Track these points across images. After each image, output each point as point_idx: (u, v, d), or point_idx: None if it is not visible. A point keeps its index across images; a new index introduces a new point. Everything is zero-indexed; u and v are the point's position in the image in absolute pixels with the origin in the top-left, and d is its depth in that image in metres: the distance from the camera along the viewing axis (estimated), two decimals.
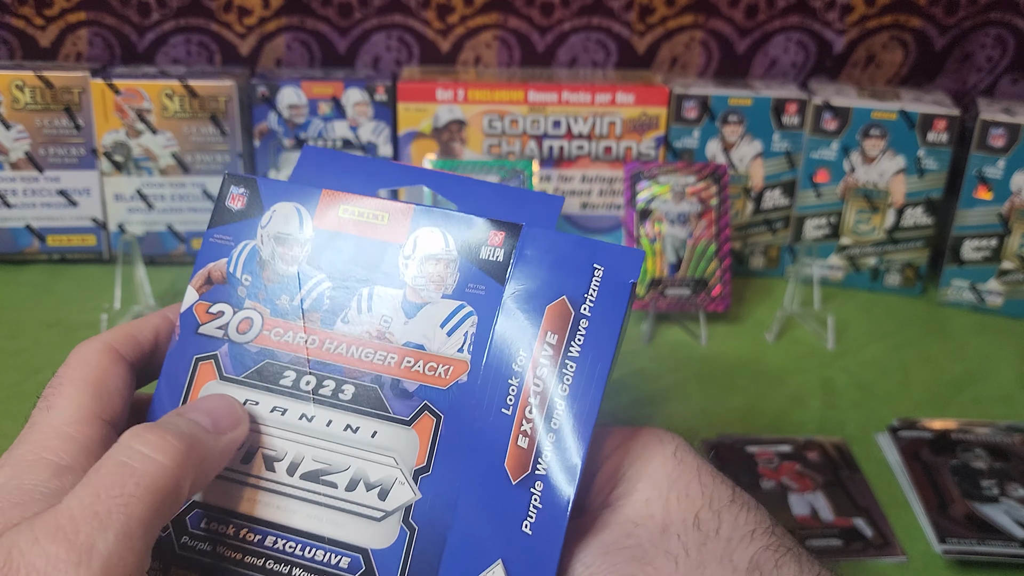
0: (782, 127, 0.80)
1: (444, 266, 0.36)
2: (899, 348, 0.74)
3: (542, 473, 0.33)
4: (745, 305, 0.80)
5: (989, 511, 0.54)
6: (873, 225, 0.81)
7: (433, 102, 0.79)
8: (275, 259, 0.37)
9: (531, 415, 0.34)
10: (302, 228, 0.38)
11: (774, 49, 0.88)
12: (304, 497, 0.35)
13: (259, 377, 0.36)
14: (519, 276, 0.35)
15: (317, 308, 0.37)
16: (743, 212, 0.83)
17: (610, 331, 0.34)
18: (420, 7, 0.85)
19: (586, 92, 0.79)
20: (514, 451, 0.33)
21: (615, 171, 0.82)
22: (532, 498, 0.33)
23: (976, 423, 0.62)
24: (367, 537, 0.34)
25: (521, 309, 0.35)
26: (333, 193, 0.38)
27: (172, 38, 0.85)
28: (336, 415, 0.35)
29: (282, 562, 0.34)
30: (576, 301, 0.34)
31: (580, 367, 0.34)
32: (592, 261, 0.35)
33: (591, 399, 0.34)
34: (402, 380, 0.35)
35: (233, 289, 0.38)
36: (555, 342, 0.34)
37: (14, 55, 0.84)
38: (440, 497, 0.34)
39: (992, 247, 0.78)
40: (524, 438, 0.33)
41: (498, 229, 0.36)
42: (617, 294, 0.34)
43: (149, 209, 0.80)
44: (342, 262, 0.37)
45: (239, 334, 0.37)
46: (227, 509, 0.35)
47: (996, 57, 0.87)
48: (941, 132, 0.77)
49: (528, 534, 0.33)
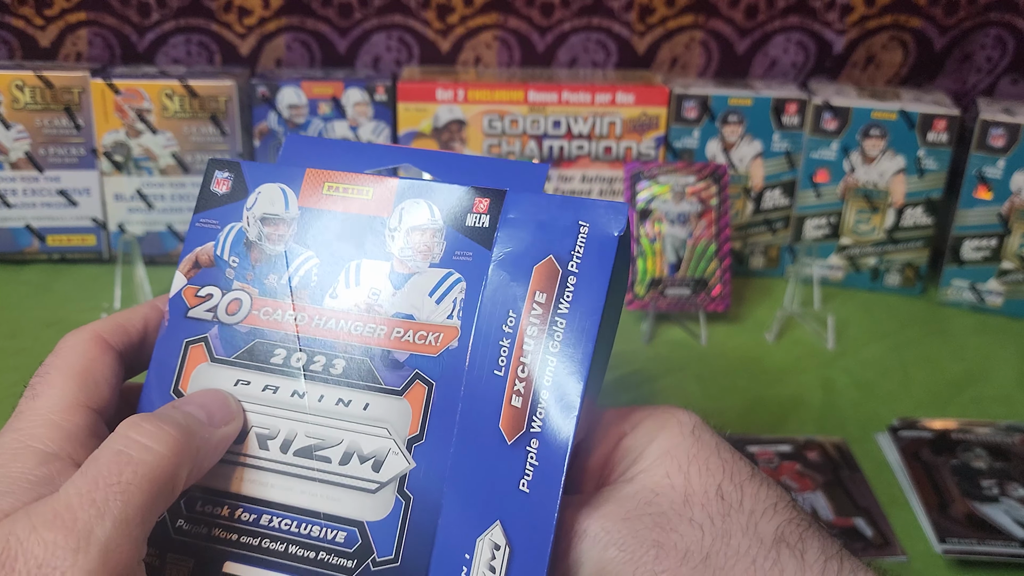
0: (782, 127, 0.80)
1: (430, 236, 0.37)
2: (899, 348, 0.74)
3: (537, 431, 0.33)
4: (745, 305, 0.80)
5: (989, 511, 0.54)
6: (873, 225, 0.81)
7: (433, 102, 0.79)
8: (262, 240, 0.38)
9: (523, 374, 0.34)
10: (287, 207, 0.38)
11: (774, 49, 0.88)
12: (298, 474, 0.35)
13: (250, 357, 0.36)
14: (505, 240, 0.36)
15: (305, 285, 0.37)
16: (743, 212, 0.83)
17: (598, 286, 0.34)
18: (420, 7, 0.85)
19: (586, 92, 0.79)
20: (508, 411, 0.34)
21: (615, 171, 0.82)
22: (528, 456, 0.33)
23: (976, 423, 0.62)
24: (362, 510, 0.34)
25: (509, 272, 0.35)
26: (317, 171, 0.38)
27: (172, 38, 0.85)
28: (327, 390, 0.36)
29: (278, 540, 0.34)
30: (563, 259, 0.35)
31: (570, 323, 0.34)
32: (576, 219, 0.35)
33: (582, 354, 0.34)
34: (392, 351, 0.36)
35: (221, 272, 0.38)
36: (544, 301, 0.34)
37: (14, 55, 0.84)
38: (435, 464, 0.34)
39: (992, 247, 0.78)
40: (518, 397, 0.34)
41: (482, 196, 0.37)
42: (604, 248, 0.35)
43: (149, 209, 0.80)
44: (329, 239, 0.37)
45: (228, 315, 0.37)
46: (221, 490, 0.35)
47: (996, 57, 0.87)
48: (941, 132, 0.77)
49: (525, 492, 0.33)
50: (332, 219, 0.38)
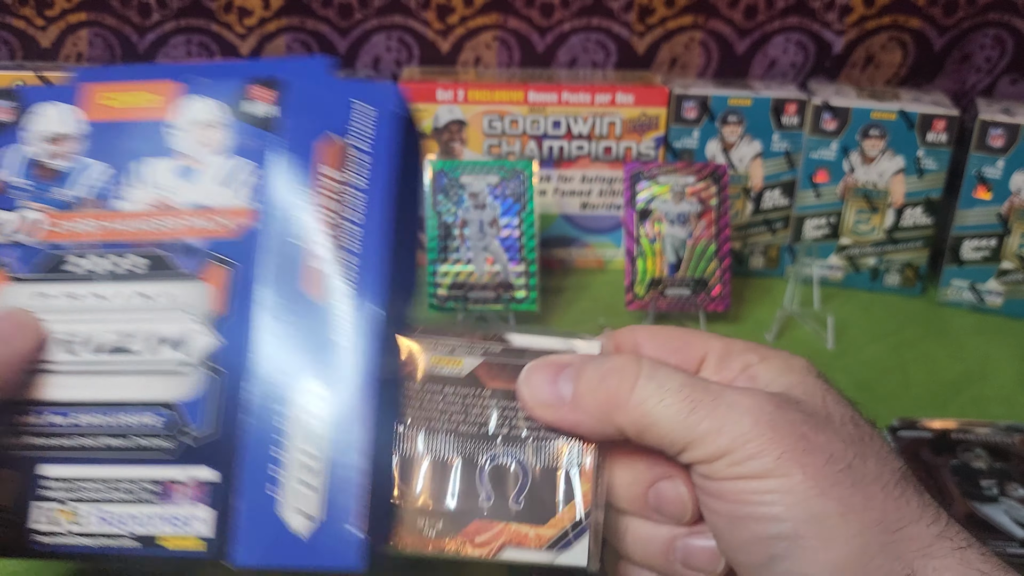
0: (782, 127, 0.80)
1: (214, 128, 0.39)
2: (899, 348, 0.74)
3: (341, 287, 0.35)
4: (745, 305, 0.80)
5: (989, 511, 0.54)
6: (873, 225, 0.81)
7: (433, 102, 0.79)
8: (49, 157, 0.39)
9: (321, 241, 0.36)
10: (70, 123, 0.40)
11: (773, 50, 0.88)
12: (108, 371, 0.36)
13: (50, 270, 0.38)
14: (288, 123, 0.38)
15: (98, 194, 0.39)
16: (743, 212, 0.83)
17: (386, 159, 0.37)
18: (420, 8, 0.85)
19: (586, 92, 0.79)
20: (310, 273, 0.36)
21: (615, 171, 0.82)
22: (334, 310, 0.35)
23: (976, 423, 0.62)
24: (175, 391, 0.36)
25: (295, 151, 0.37)
26: (95, 85, 0.40)
27: (172, 39, 0.85)
28: (129, 287, 0.37)
29: (94, 436, 0.36)
30: (343, 135, 0.38)
31: (361, 190, 0.37)
32: (349, 96, 0.38)
33: (380, 214, 0.36)
34: (189, 240, 0.38)
35: (13, 196, 0.39)
36: (330, 174, 0.37)
37: (15, 55, 0.84)
38: (242, 337, 0.35)
39: (991, 247, 0.78)
40: (318, 260, 0.36)
41: (263, 85, 0.39)
42: (386, 124, 0.38)
43: None
44: (116, 146, 0.39)
45: (26, 235, 0.39)
46: (31, 400, 0.36)
47: (995, 57, 0.87)
48: (940, 132, 0.77)
49: (335, 342, 0.35)
50: (118, 128, 0.39)
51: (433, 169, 0.74)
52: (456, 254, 0.73)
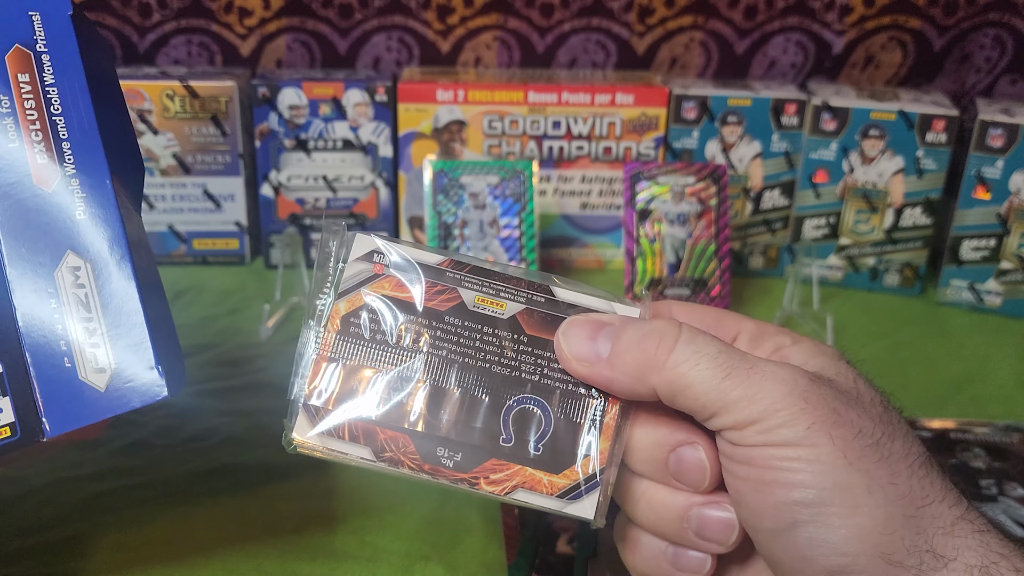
0: (781, 127, 0.81)
1: None
2: (898, 348, 0.74)
3: (72, 171, 0.37)
4: (744, 305, 0.80)
5: (988, 511, 0.54)
6: (872, 225, 0.81)
7: (433, 103, 0.79)
8: None
9: (38, 137, 0.37)
10: None
11: (773, 50, 0.88)
12: None
13: None
14: None
15: None
16: (742, 212, 0.83)
17: (74, 53, 0.39)
18: (420, 8, 0.85)
19: (586, 93, 0.79)
20: (37, 168, 0.37)
21: (615, 171, 0.82)
22: (73, 192, 0.37)
23: (975, 423, 0.62)
24: None
25: None
26: None
27: (173, 39, 0.85)
28: None
29: None
30: (27, 44, 0.39)
31: (60, 88, 0.38)
32: (25, 9, 0.39)
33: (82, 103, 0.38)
34: None
35: None
36: (28, 79, 0.38)
37: None
38: None
39: (991, 247, 0.79)
40: (42, 155, 0.37)
41: None
42: (62, 26, 0.39)
43: (150, 209, 0.80)
44: None
45: None
46: None
47: (995, 58, 0.87)
48: (940, 132, 0.77)
49: (84, 218, 0.37)
50: None
51: (433, 169, 0.75)
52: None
